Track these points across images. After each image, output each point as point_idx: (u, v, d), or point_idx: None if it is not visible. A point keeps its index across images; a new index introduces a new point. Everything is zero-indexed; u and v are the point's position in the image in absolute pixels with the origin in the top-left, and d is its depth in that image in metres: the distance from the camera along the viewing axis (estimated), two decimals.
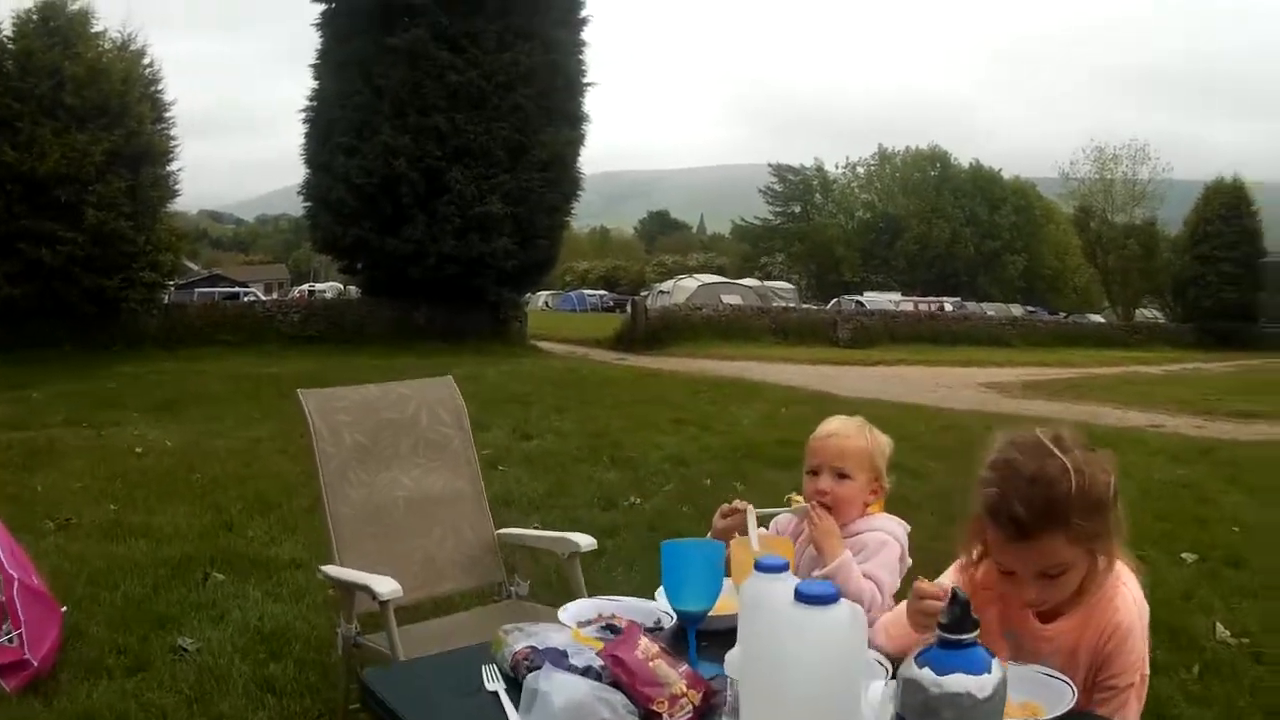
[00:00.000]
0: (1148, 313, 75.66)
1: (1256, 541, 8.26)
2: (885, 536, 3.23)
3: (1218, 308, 64.28)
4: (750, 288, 53.47)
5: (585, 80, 29.38)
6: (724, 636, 2.17)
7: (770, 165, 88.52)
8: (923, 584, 2.39)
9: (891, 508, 3.31)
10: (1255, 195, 69.43)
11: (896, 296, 58.94)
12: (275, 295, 59.75)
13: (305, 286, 72.41)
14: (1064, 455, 2.34)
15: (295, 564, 6.83)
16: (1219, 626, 5.96)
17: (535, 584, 4.56)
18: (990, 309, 60.67)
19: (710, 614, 2.38)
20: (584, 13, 29.36)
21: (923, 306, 53.08)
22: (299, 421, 4.18)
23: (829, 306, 51.77)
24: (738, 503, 3.02)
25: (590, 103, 29.53)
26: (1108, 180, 74.22)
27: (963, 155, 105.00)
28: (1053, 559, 2.32)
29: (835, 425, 3.33)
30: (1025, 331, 47.93)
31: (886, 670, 2.12)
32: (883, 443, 3.35)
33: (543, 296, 67.66)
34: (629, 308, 37.83)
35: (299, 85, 29.34)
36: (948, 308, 55.42)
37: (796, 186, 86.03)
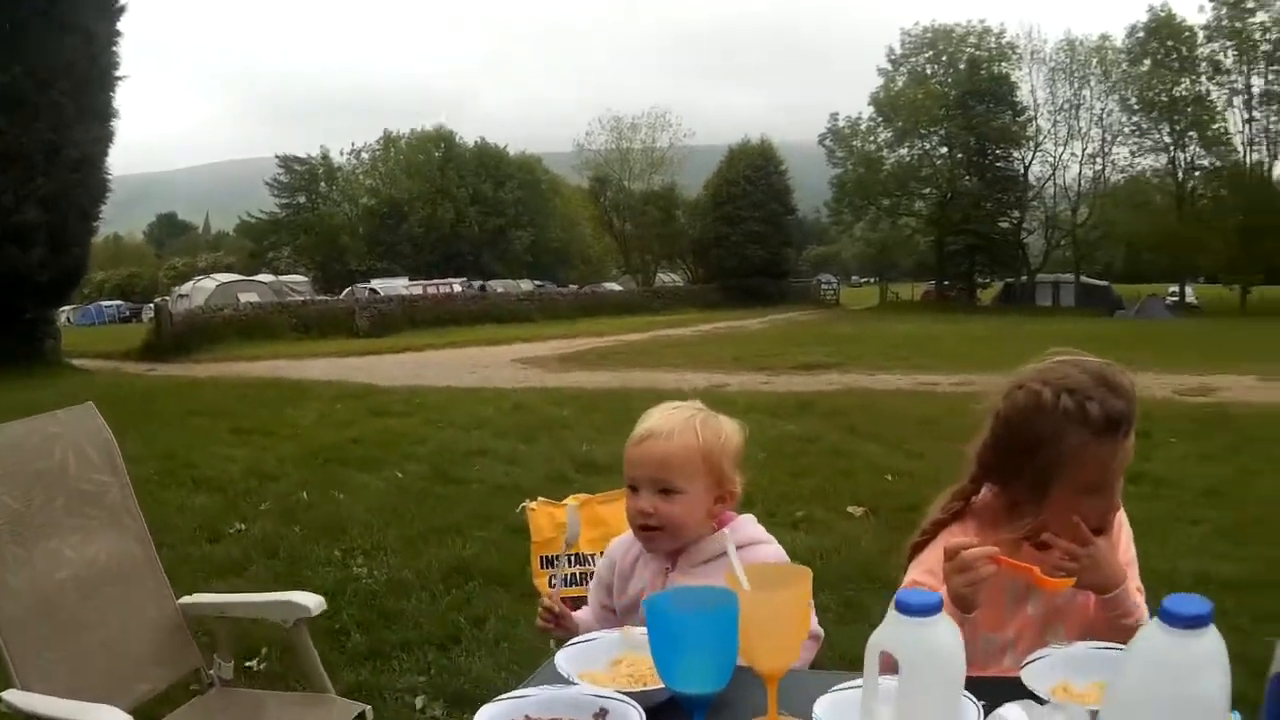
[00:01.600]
0: (666, 277, 78.35)
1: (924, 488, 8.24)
2: (771, 556, 2.67)
3: (744, 266, 67.28)
4: (266, 284, 53.32)
5: (117, 74, 27.42)
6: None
7: (277, 157, 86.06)
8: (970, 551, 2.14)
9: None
10: (783, 155, 73.09)
11: (405, 281, 58.60)
12: None
13: None
14: (1107, 364, 2.34)
15: None
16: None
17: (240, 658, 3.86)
18: (499, 285, 61.59)
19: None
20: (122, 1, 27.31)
21: (431, 290, 53.19)
22: None
23: (343, 296, 51.71)
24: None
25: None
26: (624, 149, 76.24)
27: (471, 135, 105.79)
28: (1131, 455, 2.29)
29: (653, 422, 2.65)
30: (544, 305, 49.27)
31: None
32: (725, 434, 2.68)
33: (65, 312, 63.99)
34: (153, 315, 36.04)
35: None
36: (456, 288, 55.61)
37: (302, 177, 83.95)
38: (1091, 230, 70.79)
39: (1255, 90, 67.16)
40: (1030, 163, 72.26)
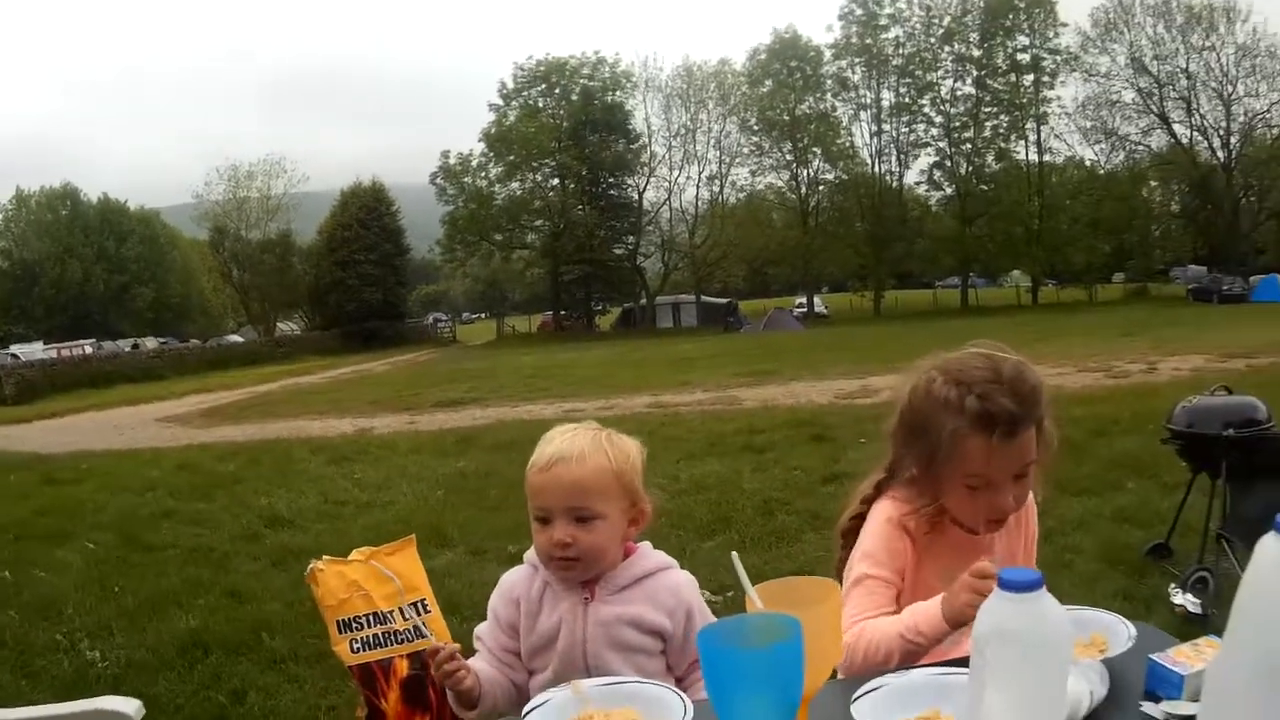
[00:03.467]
0: (285, 326, 77.13)
1: None
2: (689, 584, 2.59)
3: (361, 310, 66.70)
4: None
5: None
6: None
7: None
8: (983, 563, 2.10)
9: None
10: (394, 196, 72.67)
11: (41, 345, 55.91)
12: None
13: None
14: (1013, 354, 2.37)
15: None
16: None
17: None
18: (126, 345, 60.68)
19: None
20: None
21: (65, 353, 52.05)
22: None
23: None
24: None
25: None
26: (241, 198, 74.67)
27: (95, 191, 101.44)
28: (1029, 455, 2.30)
29: (559, 445, 2.46)
30: (174, 361, 48.69)
31: None
32: (630, 452, 2.52)
33: None
34: None
35: None
36: (88, 350, 55.26)
37: None
38: (711, 250, 73.10)
39: (885, 103, 71.95)
40: (645, 188, 74.44)
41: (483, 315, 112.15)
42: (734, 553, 1.83)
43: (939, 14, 71.60)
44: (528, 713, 1.94)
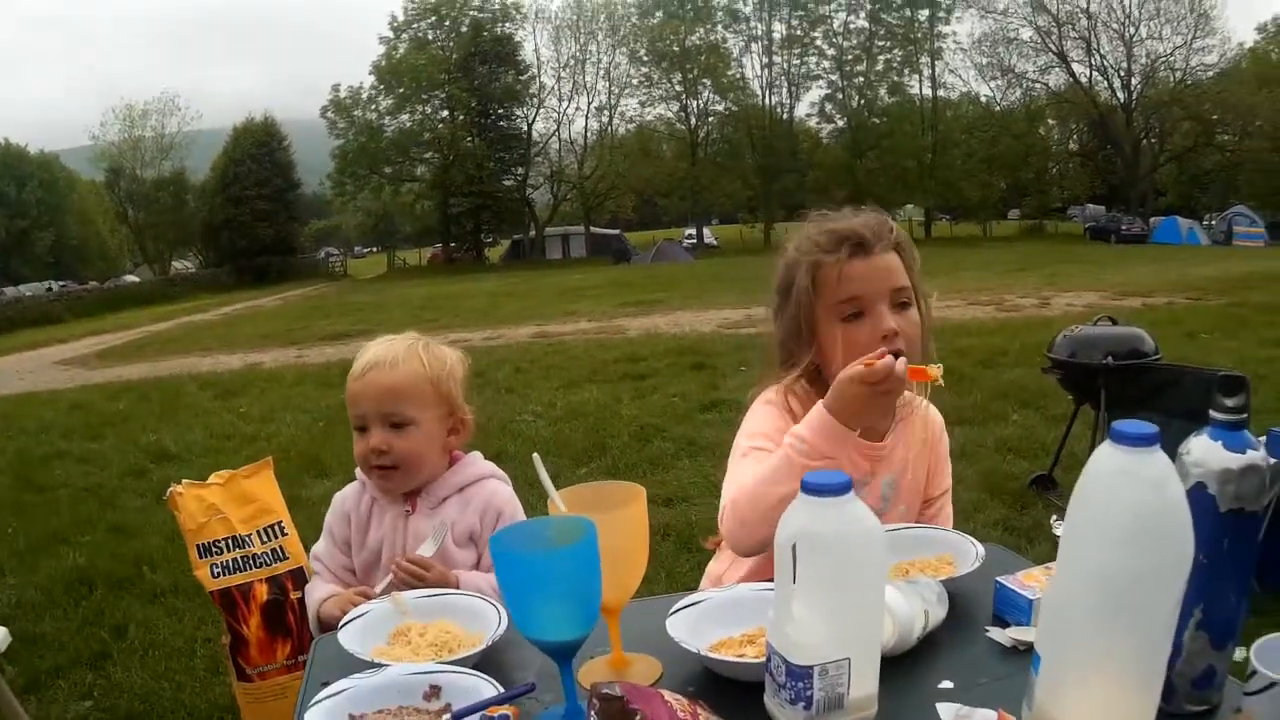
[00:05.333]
0: (180, 264, 75.99)
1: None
2: (504, 490, 2.61)
3: (254, 246, 65.93)
4: None
5: None
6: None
7: None
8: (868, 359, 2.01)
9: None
10: (287, 132, 71.62)
11: None
12: None
13: None
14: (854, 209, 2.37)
15: None
16: None
17: None
18: (28, 289, 59.55)
19: None
20: None
21: None
22: None
23: None
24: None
25: None
26: (136, 137, 73.29)
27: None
28: (898, 277, 2.24)
29: (374, 353, 2.51)
30: (72, 304, 47.96)
31: None
32: (448, 360, 2.56)
33: None
34: None
35: None
36: None
37: None
38: (600, 182, 72.89)
39: (776, 35, 72.23)
40: (534, 120, 73.91)
41: (374, 249, 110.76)
42: (535, 454, 1.85)
43: None
44: (346, 623, 1.91)
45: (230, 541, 3.02)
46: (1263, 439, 1.39)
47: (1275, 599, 3.77)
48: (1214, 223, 53.35)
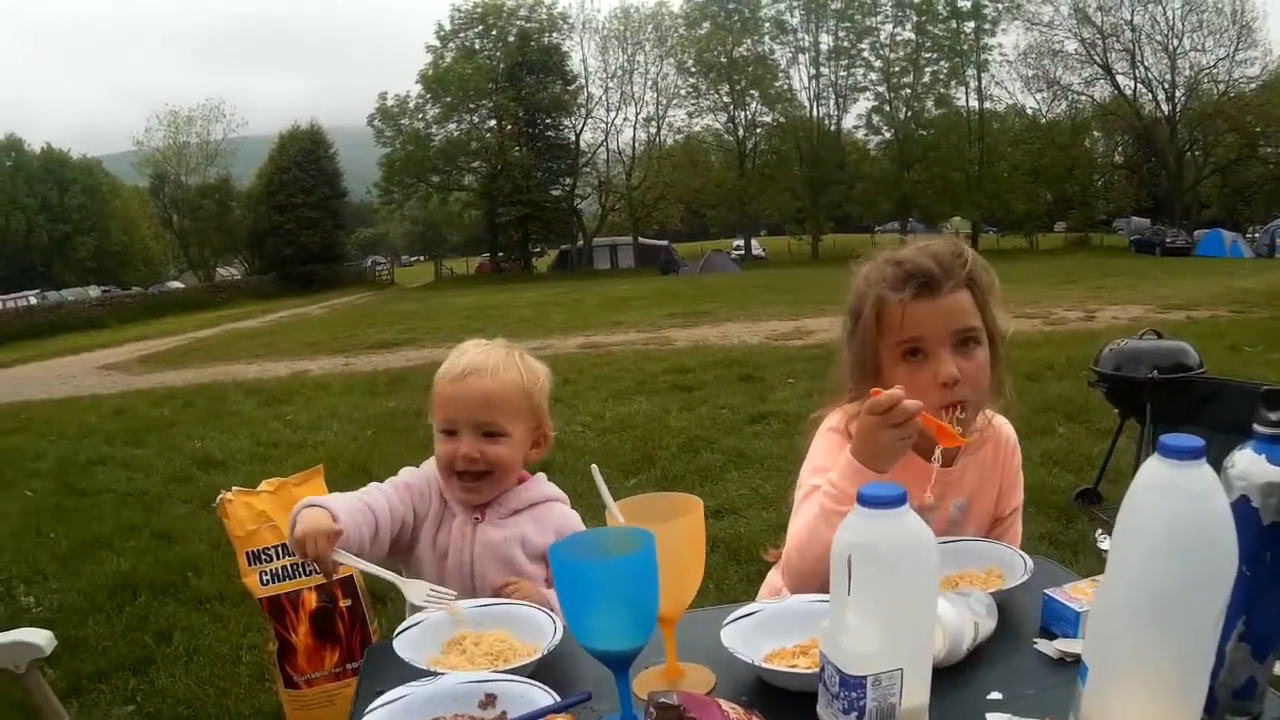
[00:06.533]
0: (225, 271, 76.50)
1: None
2: (573, 515, 2.60)
3: (300, 254, 66.23)
4: None
5: None
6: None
7: None
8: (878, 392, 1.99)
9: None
10: (333, 140, 72.05)
11: None
12: None
13: None
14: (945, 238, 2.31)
15: None
16: None
17: None
18: (70, 294, 59.99)
19: None
20: None
21: (10, 304, 51.51)
22: None
23: None
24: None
25: None
26: (180, 143, 73.92)
27: (38, 141, 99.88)
28: (964, 317, 2.20)
29: (472, 357, 2.45)
30: (115, 309, 48.28)
31: None
32: (540, 373, 2.54)
33: None
34: None
35: None
36: (32, 300, 54.87)
37: None
38: (648, 192, 72.89)
39: (824, 47, 72.25)
40: (582, 130, 74.05)
41: (421, 258, 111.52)
42: (594, 465, 1.87)
43: None
44: (401, 632, 1.92)
45: (280, 549, 3.06)
46: None
47: None
48: (1258, 235, 52.82)
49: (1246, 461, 1.38)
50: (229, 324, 36.47)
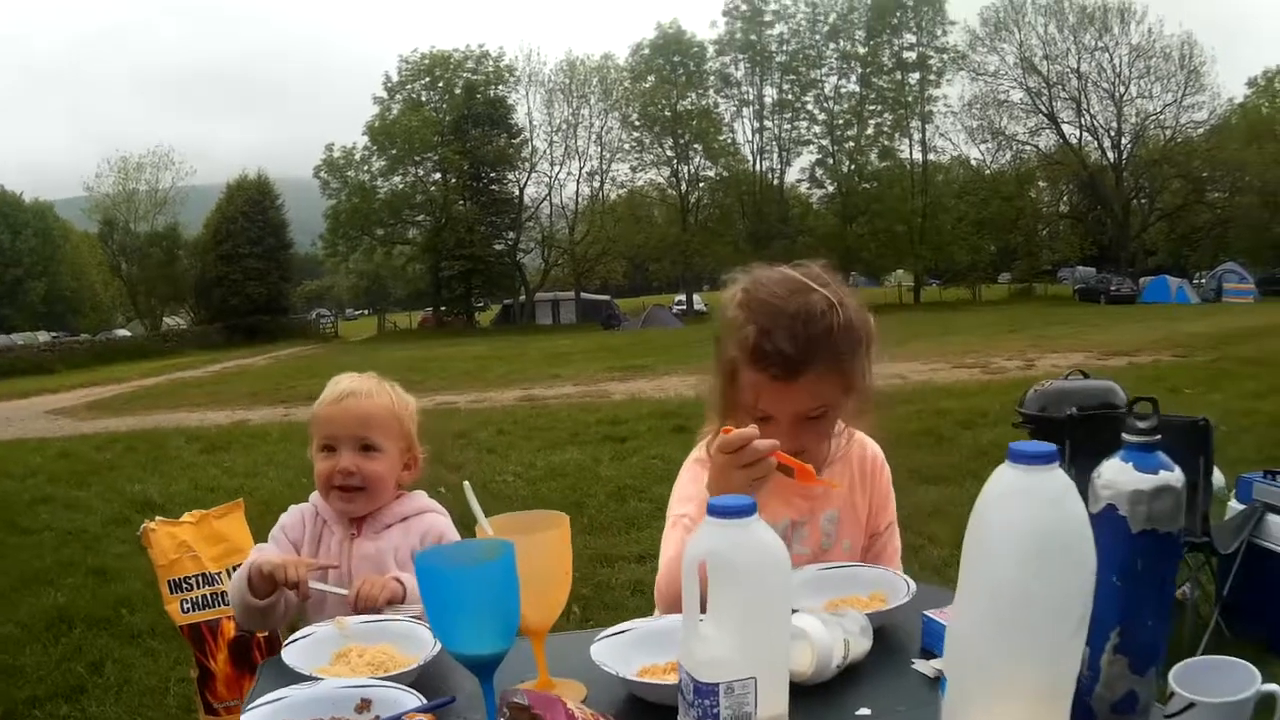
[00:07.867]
0: (171, 320, 75.88)
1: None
2: (444, 520, 2.73)
3: (245, 305, 65.82)
4: None
5: None
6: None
7: None
8: (730, 430, 1.95)
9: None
10: (279, 190, 71.58)
11: None
12: None
13: None
14: (824, 289, 2.15)
15: None
16: None
17: None
18: (19, 339, 59.66)
19: None
20: None
21: None
22: None
23: None
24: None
25: None
26: (130, 190, 73.28)
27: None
28: (816, 400, 2.14)
29: (349, 384, 2.69)
30: (64, 355, 48.32)
31: None
32: (409, 402, 2.77)
33: None
34: None
35: None
36: None
37: None
38: (591, 246, 72.94)
39: (768, 100, 72.68)
40: (525, 184, 74.04)
41: (366, 311, 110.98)
42: (465, 482, 1.95)
43: (825, 11, 72.29)
44: (290, 643, 2.00)
45: (200, 579, 3.21)
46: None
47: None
48: (1204, 280, 53.59)
49: (1113, 470, 1.40)
50: (175, 373, 36.38)
